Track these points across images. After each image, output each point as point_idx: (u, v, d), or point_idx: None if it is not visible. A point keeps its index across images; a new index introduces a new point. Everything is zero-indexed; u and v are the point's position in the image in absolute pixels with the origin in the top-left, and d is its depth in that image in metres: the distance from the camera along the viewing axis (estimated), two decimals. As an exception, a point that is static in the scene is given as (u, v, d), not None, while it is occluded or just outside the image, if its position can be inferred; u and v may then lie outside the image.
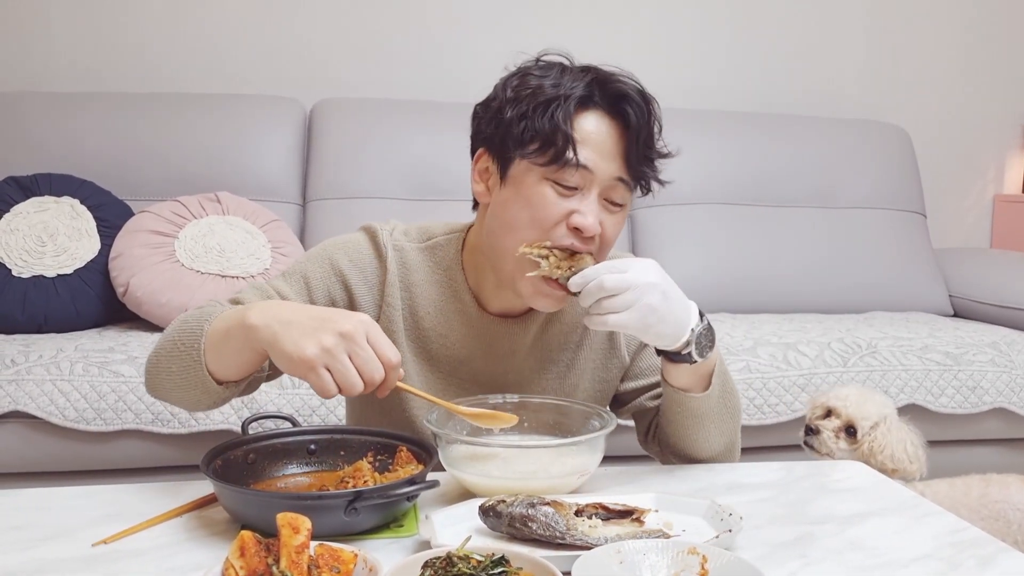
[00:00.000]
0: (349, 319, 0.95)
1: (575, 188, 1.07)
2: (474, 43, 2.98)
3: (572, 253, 1.07)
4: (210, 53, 2.87)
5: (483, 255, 1.16)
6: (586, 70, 1.09)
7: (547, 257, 1.06)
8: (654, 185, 1.14)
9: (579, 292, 1.04)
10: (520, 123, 1.06)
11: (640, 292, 1.02)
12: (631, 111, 1.07)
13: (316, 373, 0.93)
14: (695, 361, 1.09)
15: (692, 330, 1.08)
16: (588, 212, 1.07)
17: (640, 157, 1.08)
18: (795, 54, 3.21)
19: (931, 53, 3.32)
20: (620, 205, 1.11)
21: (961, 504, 1.67)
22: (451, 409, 1.07)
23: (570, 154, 1.05)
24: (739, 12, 3.15)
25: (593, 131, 1.07)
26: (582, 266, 1.06)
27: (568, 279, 1.05)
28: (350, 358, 0.93)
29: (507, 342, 1.20)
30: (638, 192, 1.13)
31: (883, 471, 1.50)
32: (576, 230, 1.07)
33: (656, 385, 1.25)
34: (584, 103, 1.07)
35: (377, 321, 1.15)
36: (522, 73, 1.11)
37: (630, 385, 1.27)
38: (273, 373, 1.13)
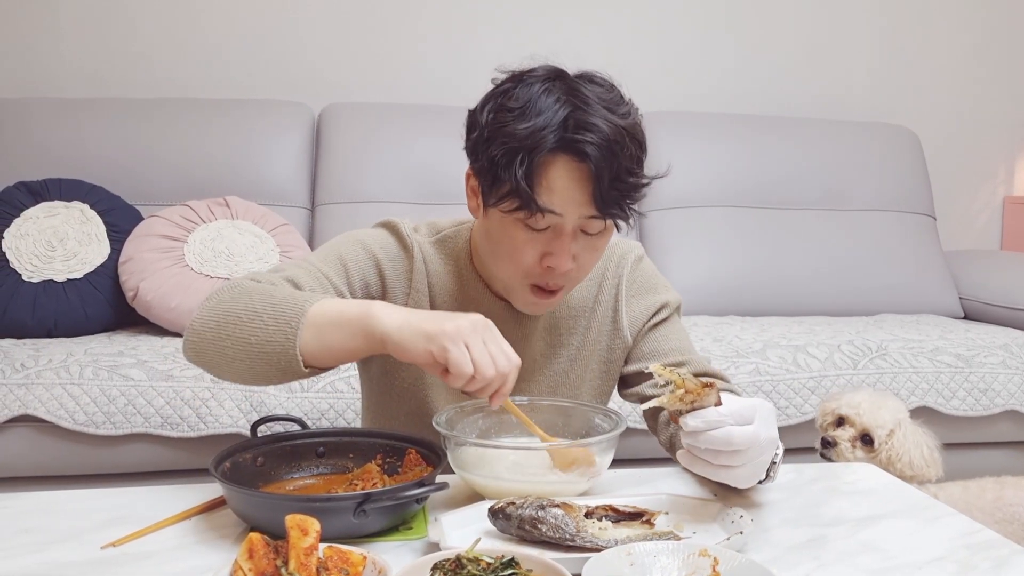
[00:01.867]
0: (477, 315, 0.97)
1: (547, 227, 1.07)
2: (481, 47, 2.98)
3: (704, 384, 0.96)
4: (219, 58, 2.87)
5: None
6: (563, 100, 1.04)
7: (680, 385, 0.95)
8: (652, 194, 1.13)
9: (686, 431, 0.94)
10: (490, 171, 1.06)
11: (761, 450, 0.95)
12: (596, 155, 1.02)
13: (457, 346, 0.93)
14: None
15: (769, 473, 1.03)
16: (559, 252, 1.08)
17: (607, 198, 1.04)
18: (804, 57, 3.21)
19: (940, 55, 3.31)
20: (597, 234, 1.10)
21: (975, 507, 1.66)
22: (542, 437, 1.06)
23: (535, 205, 1.04)
24: (748, 15, 3.15)
25: (560, 176, 1.04)
26: (704, 403, 0.94)
27: (679, 409, 0.94)
28: (485, 345, 0.95)
29: (520, 328, 1.22)
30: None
31: (900, 477, 1.49)
32: (550, 268, 1.09)
33: None
34: (552, 150, 1.03)
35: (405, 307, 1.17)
36: (500, 103, 1.07)
37: (632, 368, 1.28)
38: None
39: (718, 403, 0.93)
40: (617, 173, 1.03)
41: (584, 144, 1.02)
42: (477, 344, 0.94)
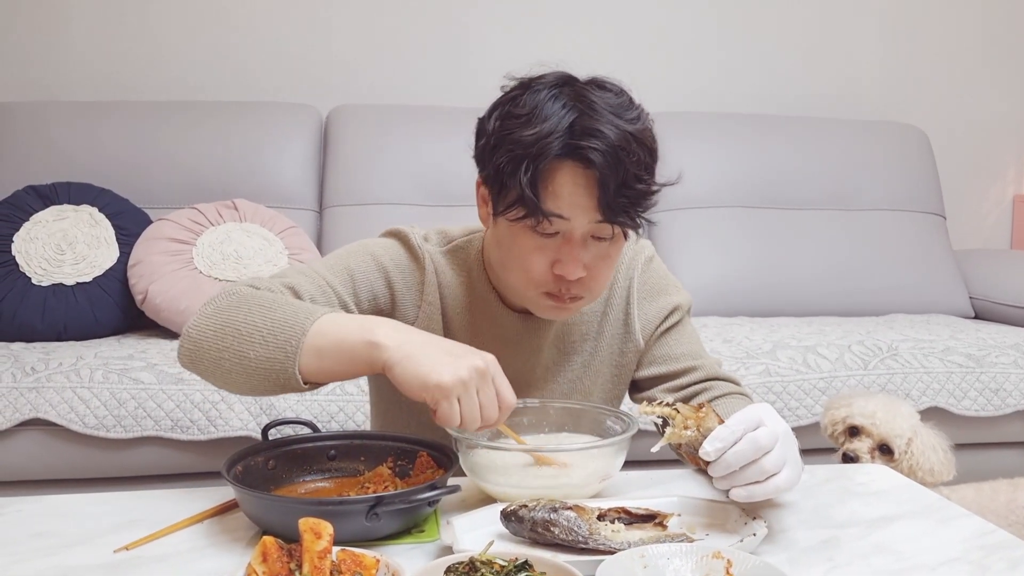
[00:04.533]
0: (482, 357, 0.94)
1: (556, 233, 1.06)
2: (489, 49, 2.98)
3: (697, 407, 0.97)
4: (227, 61, 2.88)
5: None
6: (569, 106, 1.03)
7: (673, 416, 0.96)
8: (668, 194, 1.12)
9: (713, 460, 0.93)
10: (496, 179, 1.06)
11: (787, 443, 0.95)
12: (601, 162, 1.01)
13: (449, 401, 0.92)
14: None
15: None
16: (569, 260, 1.06)
17: (614, 206, 1.03)
18: (813, 55, 3.20)
19: (949, 53, 3.30)
20: (608, 240, 1.09)
21: (988, 509, 1.65)
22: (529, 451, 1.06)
23: (541, 212, 1.03)
24: (755, 13, 3.14)
25: (566, 183, 1.02)
26: (709, 425, 0.94)
27: (692, 444, 0.94)
28: (477, 394, 0.93)
29: (532, 337, 1.21)
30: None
31: (920, 482, 1.48)
32: (560, 276, 1.07)
33: (670, 376, 1.25)
34: (558, 156, 1.02)
35: (416, 321, 1.17)
36: (507, 110, 1.06)
37: (644, 372, 1.27)
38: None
39: (720, 421, 0.94)
40: (624, 179, 1.02)
41: (589, 150, 1.00)
42: (469, 397, 0.92)
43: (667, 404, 0.97)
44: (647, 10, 3.07)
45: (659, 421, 0.98)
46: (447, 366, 0.92)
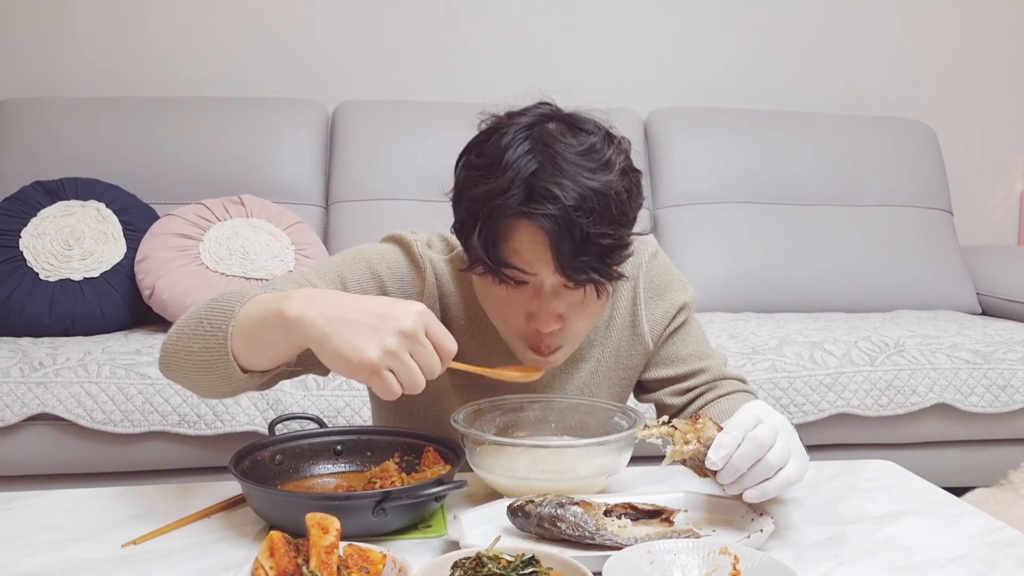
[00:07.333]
0: (407, 314, 0.88)
1: (525, 283, 1.02)
2: (494, 45, 2.97)
3: (694, 418, 0.97)
4: (233, 57, 2.88)
5: None
6: (534, 154, 0.98)
7: (672, 434, 0.96)
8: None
9: (719, 469, 0.92)
10: (460, 235, 1.04)
11: (788, 434, 0.94)
12: (550, 226, 0.95)
13: (380, 376, 0.87)
14: None
15: None
16: (540, 313, 1.03)
17: (574, 265, 0.98)
18: (819, 51, 3.19)
19: (957, 48, 3.28)
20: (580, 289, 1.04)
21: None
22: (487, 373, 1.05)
23: (500, 272, 1.00)
24: (762, 8, 3.13)
25: (524, 240, 0.98)
26: (709, 434, 0.94)
27: (697, 456, 0.94)
28: (412, 356, 0.88)
29: None
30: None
31: None
32: (536, 329, 1.05)
33: (677, 379, 1.24)
34: (512, 215, 0.97)
35: None
36: (471, 158, 1.03)
37: (651, 374, 1.25)
38: (298, 371, 1.07)
39: (718, 428, 0.94)
40: (582, 239, 0.96)
41: (538, 216, 0.95)
42: (403, 364, 0.87)
43: (663, 423, 0.97)
44: (652, 5, 3.06)
45: (659, 442, 0.98)
46: (370, 339, 0.86)
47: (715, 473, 0.93)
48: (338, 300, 0.91)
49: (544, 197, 0.95)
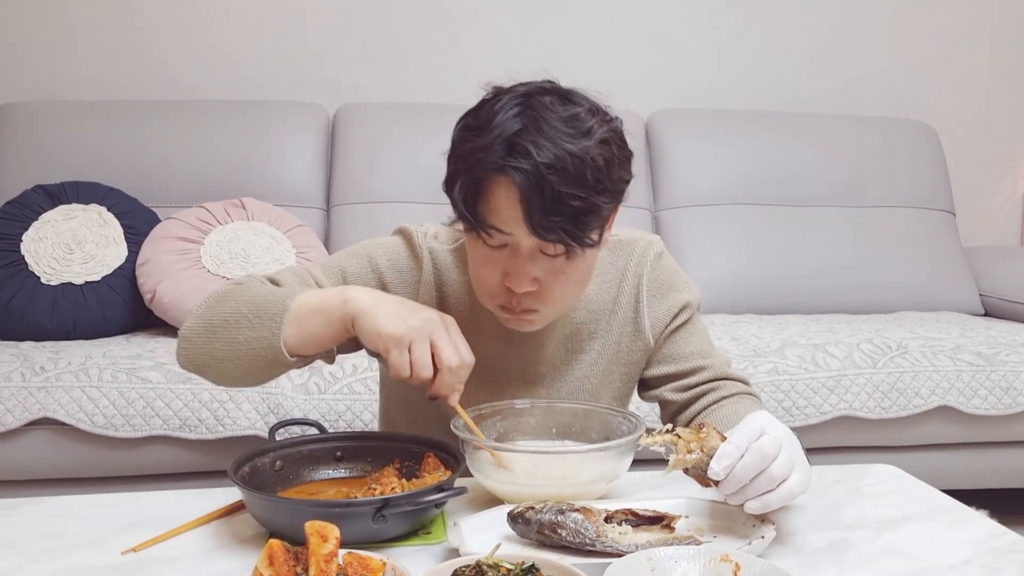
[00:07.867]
0: (439, 314, 1.03)
1: (505, 245, 1.05)
2: (497, 46, 2.97)
3: (697, 428, 0.97)
4: (233, 60, 2.88)
5: None
6: (520, 116, 1.01)
7: (675, 443, 0.95)
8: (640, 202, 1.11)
9: (721, 479, 0.92)
10: (446, 189, 1.06)
11: (791, 445, 0.94)
12: (521, 181, 0.98)
13: (399, 349, 0.99)
14: None
15: None
16: (515, 273, 1.05)
17: (545, 224, 0.99)
18: (820, 51, 3.18)
19: (958, 48, 3.28)
20: (557, 256, 1.05)
21: None
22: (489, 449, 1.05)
23: (479, 226, 1.03)
24: (762, 8, 3.13)
25: (501, 197, 1.01)
26: (712, 443, 0.93)
27: (700, 466, 0.94)
28: (431, 344, 0.99)
29: (535, 335, 1.20)
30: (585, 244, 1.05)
31: None
32: (510, 288, 1.06)
33: (679, 376, 1.24)
34: (491, 171, 1.00)
35: None
36: (465, 121, 1.07)
37: (653, 371, 1.26)
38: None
39: (722, 438, 0.94)
40: (553, 199, 0.98)
41: (511, 168, 0.98)
42: (420, 346, 0.99)
43: (667, 431, 0.96)
44: (652, 5, 3.05)
45: (662, 450, 0.97)
46: (401, 317, 1.00)
47: (717, 483, 0.93)
48: (394, 298, 1.06)
49: (520, 154, 0.99)
